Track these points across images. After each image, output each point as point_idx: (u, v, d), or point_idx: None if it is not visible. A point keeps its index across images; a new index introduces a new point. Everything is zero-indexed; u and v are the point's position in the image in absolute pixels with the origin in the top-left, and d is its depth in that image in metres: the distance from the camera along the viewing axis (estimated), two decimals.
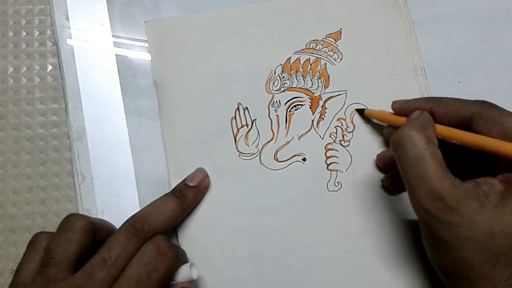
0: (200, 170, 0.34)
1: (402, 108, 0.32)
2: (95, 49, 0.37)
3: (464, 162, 0.30)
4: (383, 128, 0.35)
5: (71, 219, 0.30)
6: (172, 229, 0.34)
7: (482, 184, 0.26)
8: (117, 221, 0.31)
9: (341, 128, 0.36)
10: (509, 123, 0.27)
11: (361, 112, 0.36)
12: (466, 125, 0.29)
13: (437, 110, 0.30)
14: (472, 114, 0.29)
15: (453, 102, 0.30)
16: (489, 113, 0.28)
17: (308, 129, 0.36)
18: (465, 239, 0.25)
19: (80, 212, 0.35)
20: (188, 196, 0.33)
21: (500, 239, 0.24)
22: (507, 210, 0.25)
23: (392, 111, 0.33)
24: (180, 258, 0.31)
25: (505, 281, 0.25)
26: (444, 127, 0.29)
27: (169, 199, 0.32)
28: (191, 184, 0.33)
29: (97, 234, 0.30)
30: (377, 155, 0.35)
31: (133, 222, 0.30)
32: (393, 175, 0.34)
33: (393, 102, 0.33)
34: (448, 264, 0.27)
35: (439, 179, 0.25)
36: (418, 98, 0.32)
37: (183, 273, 0.30)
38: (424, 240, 0.29)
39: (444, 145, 0.29)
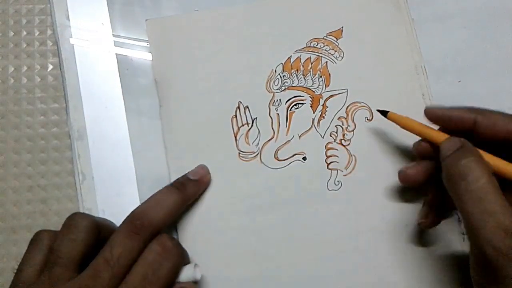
0: (202, 167, 0.34)
1: (441, 118, 0.30)
2: (95, 48, 0.37)
3: None
4: (384, 127, 0.35)
5: (75, 218, 0.30)
6: (172, 227, 0.34)
7: None
8: (118, 220, 0.31)
9: (342, 127, 0.36)
10: None
11: (383, 113, 0.33)
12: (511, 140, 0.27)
13: (482, 122, 0.28)
14: None
15: (499, 116, 0.28)
16: None
17: (309, 128, 0.36)
18: None
19: (81, 211, 0.35)
20: (188, 188, 0.33)
21: None
22: None
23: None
24: (184, 255, 0.31)
25: None
26: (502, 163, 0.27)
27: (169, 191, 0.32)
28: (192, 178, 0.33)
29: (100, 233, 0.30)
30: (404, 172, 0.32)
31: (132, 219, 0.30)
32: (429, 212, 0.32)
33: (427, 108, 0.31)
34: None
35: (509, 214, 0.24)
36: (459, 107, 0.30)
37: (187, 273, 0.30)
38: (476, 276, 0.26)
39: None
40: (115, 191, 0.35)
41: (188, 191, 0.33)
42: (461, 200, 0.26)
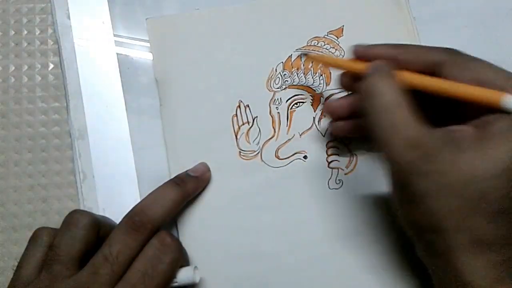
0: (202, 164, 0.34)
1: (365, 53, 0.30)
2: (96, 47, 0.38)
3: (431, 111, 0.28)
4: None
5: (75, 216, 0.30)
6: (173, 226, 0.34)
7: (455, 131, 0.25)
8: (119, 219, 0.31)
9: None
10: (481, 68, 0.26)
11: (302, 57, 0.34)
12: (431, 72, 0.27)
13: (402, 57, 0.28)
14: (440, 60, 0.27)
15: (420, 49, 0.28)
16: (459, 59, 0.26)
17: (310, 126, 0.36)
18: (442, 187, 0.23)
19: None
20: (188, 184, 0.33)
21: (481, 183, 0.23)
22: (485, 153, 0.23)
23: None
24: (183, 252, 0.31)
25: (488, 223, 0.23)
26: (416, 75, 0.27)
27: (168, 187, 0.32)
28: (193, 175, 0.33)
29: (100, 230, 0.30)
30: (328, 103, 0.33)
31: (132, 216, 0.30)
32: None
33: (356, 46, 0.30)
34: (420, 218, 0.25)
35: (416, 127, 0.24)
36: (383, 44, 0.30)
37: (187, 275, 0.30)
38: (394, 197, 0.27)
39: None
40: (116, 190, 0.35)
41: (188, 187, 0.32)
42: (370, 116, 0.26)
